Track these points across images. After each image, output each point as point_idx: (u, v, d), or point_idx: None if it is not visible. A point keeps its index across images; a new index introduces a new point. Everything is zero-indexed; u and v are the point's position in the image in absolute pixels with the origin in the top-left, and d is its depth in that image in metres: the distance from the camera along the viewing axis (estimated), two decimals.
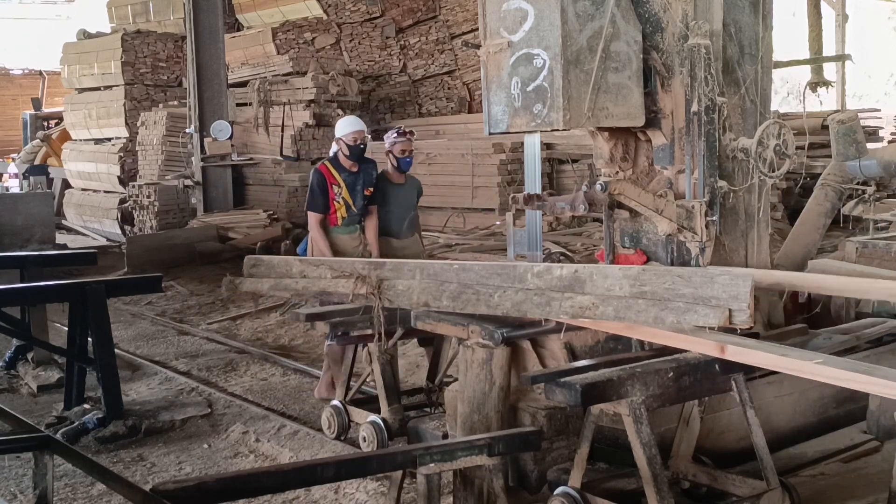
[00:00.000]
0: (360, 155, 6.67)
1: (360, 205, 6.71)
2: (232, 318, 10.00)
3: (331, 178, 6.65)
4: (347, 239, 6.73)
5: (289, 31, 17.30)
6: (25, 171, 22.03)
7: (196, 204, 15.02)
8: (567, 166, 13.32)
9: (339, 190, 6.63)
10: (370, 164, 6.82)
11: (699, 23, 4.66)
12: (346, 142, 6.65)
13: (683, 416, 4.35)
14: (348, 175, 6.67)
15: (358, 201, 6.69)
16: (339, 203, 6.64)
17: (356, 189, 6.67)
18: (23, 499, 5.03)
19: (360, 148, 6.67)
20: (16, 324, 7.31)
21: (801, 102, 21.55)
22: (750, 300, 3.85)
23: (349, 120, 6.97)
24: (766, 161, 4.78)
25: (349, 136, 6.65)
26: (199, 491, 3.34)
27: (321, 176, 6.66)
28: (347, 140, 6.64)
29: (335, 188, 6.63)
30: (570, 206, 4.82)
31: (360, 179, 6.69)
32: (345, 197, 6.64)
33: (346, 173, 6.67)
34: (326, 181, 6.65)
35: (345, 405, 5.85)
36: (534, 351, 4.82)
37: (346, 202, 6.65)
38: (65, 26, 29.06)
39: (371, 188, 6.73)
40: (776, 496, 4.13)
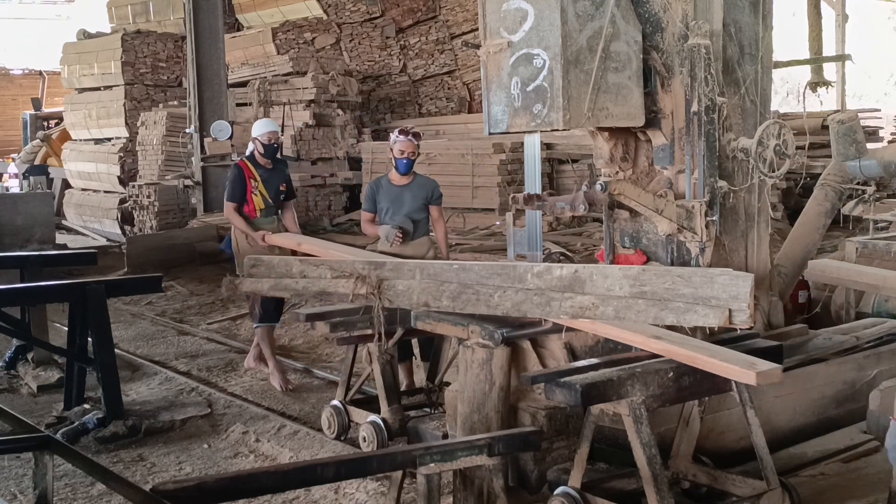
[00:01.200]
0: (273, 153, 7.39)
1: (275, 197, 7.36)
2: (232, 318, 9.99)
3: (248, 173, 7.28)
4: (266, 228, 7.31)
5: (289, 31, 17.30)
6: (25, 171, 22.02)
7: (196, 204, 15.01)
8: (567, 166, 13.33)
9: (256, 184, 7.27)
10: (282, 163, 7.68)
11: (699, 23, 4.66)
12: (261, 141, 7.31)
13: (683, 416, 4.35)
14: (264, 171, 7.33)
15: (272, 194, 7.33)
16: (257, 195, 7.26)
17: (271, 183, 7.33)
18: (23, 499, 5.03)
19: (274, 147, 7.39)
20: (16, 324, 7.30)
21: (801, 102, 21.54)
22: (750, 300, 3.85)
23: (264, 122, 7.74)
24: (766, 161, 4.78)
25: (264, 136, 7.32)
26: (199, 491, 3.34)
27: (240, 171, 7.32)
28: (262, 140, 7.31)
29: (252, 182, 7.26)
30: (570, 206, 4.82)
31: (275, 176, 7.39)
32: (261, 190, 7.27)
33: (262, 169, 7.33)
34: (245, 175, 7.27)
35: (345, 405, 5.85)
36: (534, 351, 4.82)
37: (262, 195, 7.28)
38: (65, 26, 29.05)
39: (285, 184, 7.47)
40: (776, 496, 4.13)
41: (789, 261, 5.77)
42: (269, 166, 7.34)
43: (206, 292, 11.31)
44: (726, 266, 4.52)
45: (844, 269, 6.11)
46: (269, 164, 7.33)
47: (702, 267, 4.60)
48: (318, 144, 15.63)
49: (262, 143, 7.29)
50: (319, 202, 15.44)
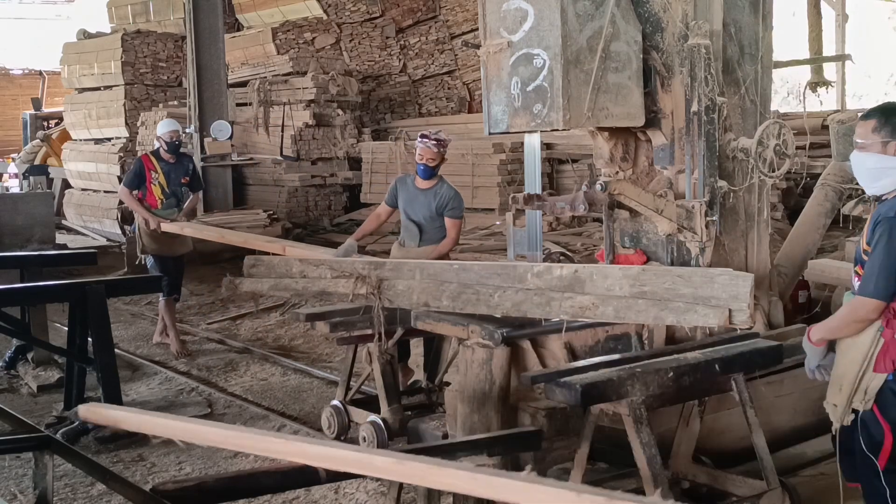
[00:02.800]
0: (175, 149, 8.60)
1: (176, 190, 8.58)
2: (232, 318, 10.00)
3: (149, 166, 8.50)
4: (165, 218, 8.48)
5: (289, 31, 17.29)
6: (25, 171, 22.00)
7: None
8: (567, 166, 13.32)
9: (157, 176, 8.48)
10: (186, 158, 8.98)
11: (699, 23, 4.66)
12: (164, 139, 8.53)
13: (683, 416, 4.35)
14: (166, 165, 8.53)
15: (172, 186, 8.55)
16: (156, 185, 8.47)
17: (171, 176, 8.55)
18: (23, 499, 5.03)
19: (176, 144, 8.60)
20: (16, 324, 7.30)
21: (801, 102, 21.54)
22: (750, 300, 3.85)
23: (167, 122, 8.84)
24: (766, 161, 4.78)
25: (166, 135, 8.54)
26: (199, 491, 3.34)
27: (141, 164, 8.59)
28: (165, 138, 8.53)
29: (153, 174, 8.47)
30: (570, 206, 4.82)
31: (177, 169, 8.60)
32: (161, 182, 8.48)
33: (165, 163, 8.53)
34: (145, 168, 8.50)
35: (345, 405, 5.85)
36: (534, 351, 4.82)
37: (161, 185, 8.48)
38: (65, 26, 29.03)
39: (187, 177, 8.66)
40: (776, 496, 4.13)
41: (789, 261, 5.77)
42: (172, 160, 8.55)
43: (206, 292, 11.31)
44: (726, 266, 4.52)
45: (844, 269, 6.10)
46: (171, 158, 8.55)
47: (702, 267, 4.60)
48: (318, 144, 15.61)
49: (165, 141, 8.51)
50: (319, 202, 15.43)
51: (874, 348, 3.54)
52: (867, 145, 3.63)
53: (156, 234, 8.39)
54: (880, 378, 3.54)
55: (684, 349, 4.20)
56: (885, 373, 3.53)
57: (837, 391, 3.68)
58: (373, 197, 14.78)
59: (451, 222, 6.50)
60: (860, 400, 3.59)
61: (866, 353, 3.55)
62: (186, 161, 8.90)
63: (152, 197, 8.50)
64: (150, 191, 8.50)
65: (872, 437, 3.61)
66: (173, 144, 8.57)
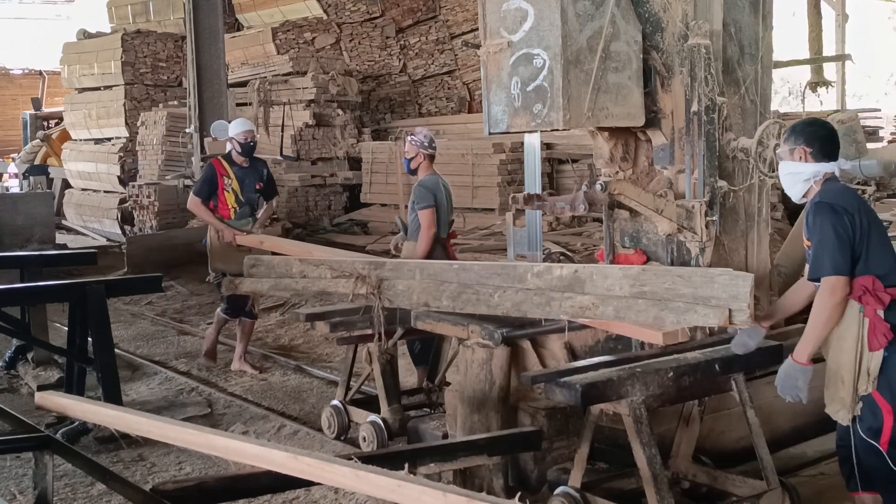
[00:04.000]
0: (250, 152, 7.62)
1: (251, 197, 7.62)
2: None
3: (221, 171, 7.52)
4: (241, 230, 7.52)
5: (289, 31, 17.29)
6: (25, 171, 22.01)
7: None
8: (567, 166, 13.32)
9: (230, 181, 7.51)
10: (260, 162, 7.84)
11: (699, 23, 4.66)
12: (237, 140, 7.56)
13: (683, 416, 4.35)
14: (239, 169, 7.57)
15: (246, 193, 7.58)
16: (229, 192, 7.51)
17: (245, 182, 7.57)
18: (23, 499, 5.03)
19: (251, 145, 7.62)
20: (16, 324, 7.30)
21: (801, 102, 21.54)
22: (750, 300, 3.85)
23: (240, 121, 7.90)
24: (766, 161, 4.78)
25: (240, 135, 7.57)
26: (199, 491, 3.34)
27: (212, 168, 7.58)
28: (239, 139, 7.56)
29: (226, 180, 7.51)
30: (570, 206, 4.82)
31: (251, 174, 7.61)
32: (234, 188, 7.52)
33: (238, 168, 7.56)
34: (217, 174, 7.51)
35: (345, 405, 5.85)
36: (534, 351, 4.82)
37: (235, 192, 7.53)
38: (65, 26, 29.03)
39: (261, 183, 7.67)
40: (776, 496, 4.13)
41: (789, 261, 5.76)
42: (246, 165, 7.59)
43: (206, 292, 11.30)
44: (726, 266, 4.51)
45: None
46: (245, 162, 7.58)
47: (702, 267, 4.60)
48: (318, 144, 15.61)
49: (238, 142, 7.55)
50: (319, 202, 15.43)
51: (862, 330, 3.65)
52: (782, 154, 3.98)
53: (230, 248, 7.36)
54: (878, 356, 3.64)
55: (684, 349, 4.19)
56: (881, 349, 3.63)
57: (840, 385, 3.74)
58: (373, 197, 14.78)
59: (419, 214, 6.55)
60: (864, 382, 3.67)
61: (856, 337, 3.66)
62: (260, 165, 7.80)
63: (224, 207, 7.51)
64: (223, 199, 7.50)
65: (872, 422, 3.68)
66: (248, 146, 7.57)
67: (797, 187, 3.91)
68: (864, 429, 3.71)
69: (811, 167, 3.85)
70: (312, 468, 2.99)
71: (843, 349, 3.70)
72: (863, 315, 3.65)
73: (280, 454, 3.11)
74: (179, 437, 3.45)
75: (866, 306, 3.64)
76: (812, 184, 3.87)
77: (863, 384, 3.68)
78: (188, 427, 3.52)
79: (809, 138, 3.87)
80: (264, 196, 7.75)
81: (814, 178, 3.85)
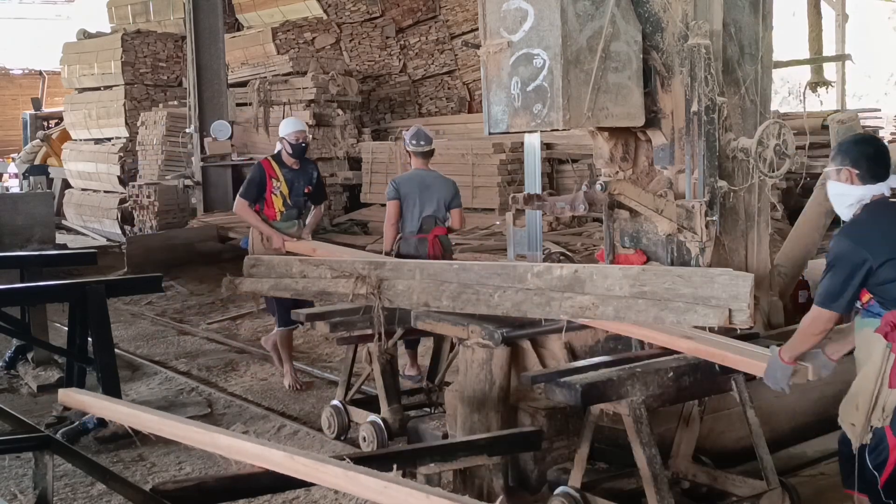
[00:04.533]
0: (301, 153, 7.17)
1: (298, 201, 7.17)
2: (232, 318, 9.99)
3: (271, 172, 7.09)
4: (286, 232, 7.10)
5: (289, 31, 17.30)
6: (25, 171, 22.01)
7: (196, 204, 15.02)
8: (567, 166, 13.32)
9: (279, 184, 7.08)
10: (311, 165, 7.37)
11: (699, 23, 4.66)
12: (288, 141, 7.10)
13: (683, 416, 4.35)
14: (289, 171, 7.13)
15: (295, 196, 7.13)
16: (277, 195, 7.07)
17: (294, 185, 7.13)
18: (23, 499, 5.03)
19: (302, 146, 7.16)
20: (16, 324, 7.30)
21: (801, 102, 21.55)
22: (750, 300, 3.85)
23: (291, 121, 7.49)
24: (766, 161, 4.77)
25: (291, 136, 7.11)
26: (199, 491, 3.35)
27: (261, 169, 7.14)
28: (290, 139, 7.10)
29: (274, 182, 7.07)
30: (570, 206, 4.82)
31: (300, 177, 7.16)
32: (283, 191, 7.08)
33: (287, 169, 7.12)
34: (265, 175, 7.08)
35: (345, 405, 5.85)
36: (534, 351, 4.82)
37: (283, 195, 7.08)
38: (65, 26, 29.04)
39: (310, 186, 7.20)
40: (776, 496, 4.13)
41: (789, 261, 5.76)
42: (296, 167, 7.13)
43: (206, 292, 11.31)
44: (726, 266, 4.51)
45: None
46: (296, 164, 7.13)
47: (702, 267, 4.60)
48: (318, 144, 15.60)
49: (289, 143, 7.09)
50: None
51: (886, 365, 3.52)
52: (828, 174, 3.80)
53: (278, 254, 6.73)
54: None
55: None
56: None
57: (854, 410, 3.66)
58: (373, 197, 14.78)
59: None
60: (878, 417, 3.57)
61: (879, 370, 3.53)
62: (310, 167, 7.32)
63: (270, 209, 7.08)
64: (270, 202, 7.06)
65: (879, 454, 3.61)
66: (299, 147, 7.12)
67: (844, 210, 3.70)
68: (870, 458, 3.63)
69: (858, 190, 3.62)
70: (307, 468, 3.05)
71: (866, 377, 3.59)
72: (889, 351, 3.49)
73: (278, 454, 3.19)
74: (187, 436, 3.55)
75: (893, 343, 3.48)
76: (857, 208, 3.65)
77: (877, 417, 3.56)
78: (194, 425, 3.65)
79: (857, 158, 3.62)
80: (312, 200, 7.27)
81: (860, 202, 3.63)
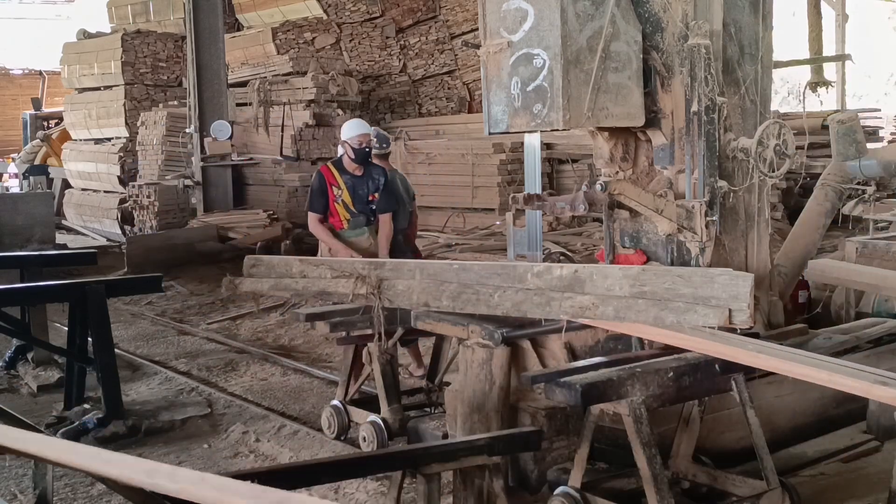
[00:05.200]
0: (364, 158, 6.66)
1: (363, 208, 6.68)
2: (232, 318, 10.00)
3: (331, 179, 6.65)
4: (355, 241, 6.70)
5: (289, 31, 17.30)
6: (25, 171, 22.03)
7: (196, 204, 15.02)
8: (567, 166, 13.33)
9: (340, 192, 6.61)
10: (377, 170, 6.79)
11: (699, 23, 4.66)
12: (351, 145, 6.62)
13: (683, 416, 4.34)
14: (350, 178, 6.65)
15: (359, 204, 6.66)
16: (339, 204, 6.63)
17: (358, 192, 6.65)
18: (23, 499, 5.03)
19: (365, 151, 6.65)
20: (16, 324, 7.30)
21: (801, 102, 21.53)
22: (750, 300, 3.85)
23: (355, 123, 6.87)
24: (766, 161, 4.77)
25: (354, 140, 6.61)
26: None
27: (321, 178, 6.71)
28: (353, 143, 6.61)
29: (335, 189, 6.62)
30: (570, 206, 4.82)
31: (364, 183, 6.67)
32: (345, 199, 6.62)
33: (349, 176, 6.65)
34: (326, 182, 6.66)
35: (345, 405, 5.85)
36: (534, 351, 4.82)
37: (345, 204, 6.63)
38: (65, 26, 29.05)
39: (376, 193, 6.69)
40: (776, 496, 4.13)
41: (789, 261, 5.77)
42: (359, 172, 6.66)
43: (206, 292, 11.32)
44: (726, 266, 4.51)
45: (844, 269, 6.10)
46: (358, 170, 6.66)
47: (702, 267, 4.60)
48: (318, 144, 15.62)
49: (351, 147, 6.60)
50: None
51: None
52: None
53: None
54: None
55: (684, 349, 4.19)
56: None
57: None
58: None
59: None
60: None
61: None
62: (377, 173, 6.75)
63: (336, 218, 6.67)
64: (334, 210, 6.65)
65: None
66: (362, 152, 6.62)
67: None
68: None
69: None
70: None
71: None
72: None
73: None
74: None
75: None
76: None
77: None
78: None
79: None
80: (377, 209, 6.72)
81: None
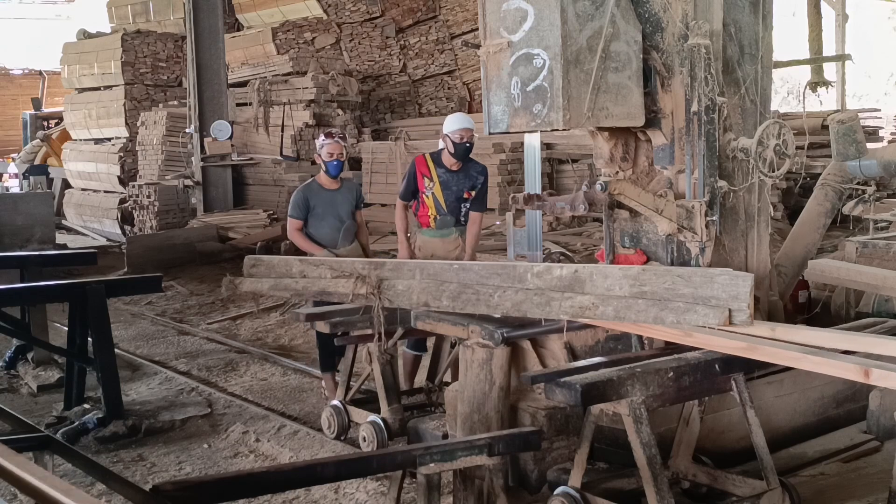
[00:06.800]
0: (464, 154, 6.30)
1: (454, 206, 6.35)
2: (232, 318, 10.00)
3: (423, 170, 6.35)
4: (439, 243, 6.37)
5: (289, 31, 17.30)
6: (25, 171, 22.05)
7: (196, 204, 15.04)
8: (567, 166, 13.32)
9: (431, 185, 6.31)
10: (476, 167, 6.47)
11: (699, 23, 4.66)
12: (451, 139, 6.26)
13: (683, 416, 4.34)
14: (446, 172, 6.33)
15: (451, 201, 6.33)
16: (429, 198, 6.33)
17: (451, 188, 6.33)
18: (23, 499, 5.03)
19: (466, 147, 6.28)
20: (16, 324, 7.31)
21: (801, 102, 21.53)
22: (750, 300, 3.85)
23: (458, 117, 6.54)
24: (766, 161, 4.77)
25: (455, 133, 6.25)
26: (198, 491, 3.34)
27: (414, 167, 6.42)
28: (453, 137, 6.25)
29: (426, 181, 6.33)
30: (570, 206, 4.82)
31: (459, 180, 6.35)
32: (435, 192, 6.31)
33: (444, 170, 6.33)
34: (417, 171, 6.37)
35: (345, 405, 5.85)
36: (534, 351, 4.82)
37: (435, 199, 6.32)
38: (65, 26, 29.07)
39: (472, 191, 6.37)
40: (776, 496, 4.13)
41: (789, 261, 5.76)
42: (456, 168, 6.31)
43: (206, 292, 11.31)
44: (726, 266, 4.51)
45: (844, 269, 6.10)
46: (456, 165, 6.30)
47: (702, 267, 4.60)
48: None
49: (452, 141, 6.24)
50: None
51: None
52: None
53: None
54: None
55: (684, 349, 4.19)
56: None
57: None
58: (373, 197, 14.79)
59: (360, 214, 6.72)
60: None
61: None
62: (476, 171, 6.41)
63: (424, 212, 6.37)
64: (423, 202, 6.35)
65: None
66: (462, 147, 6.24)
67: None
68: None
69: None
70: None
71: None
72: None
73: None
74: None
75: None
76: None
77: None
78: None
79: None
80: (470, 206, 6.40)
81: None
